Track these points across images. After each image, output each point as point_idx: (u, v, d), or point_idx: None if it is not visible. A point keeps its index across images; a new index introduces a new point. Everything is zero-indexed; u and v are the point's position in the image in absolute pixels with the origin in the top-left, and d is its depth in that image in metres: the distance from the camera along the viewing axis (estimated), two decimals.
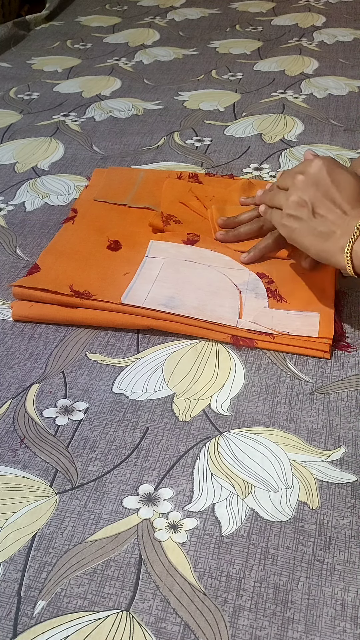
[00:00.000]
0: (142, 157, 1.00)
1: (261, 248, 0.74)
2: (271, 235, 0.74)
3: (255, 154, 0.99)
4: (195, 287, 0.70)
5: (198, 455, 0.55)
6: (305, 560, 0.47)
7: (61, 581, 0.46)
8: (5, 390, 0.62)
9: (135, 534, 0.49)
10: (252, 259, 0.74)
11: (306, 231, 0.61)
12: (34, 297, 0.70)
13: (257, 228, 0.76)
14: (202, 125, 1.09)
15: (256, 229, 0.76)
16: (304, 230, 0.61)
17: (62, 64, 1.39)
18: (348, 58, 1.35)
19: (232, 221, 0.79)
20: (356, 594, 0.45)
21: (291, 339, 0.65)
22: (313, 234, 0.61)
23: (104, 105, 1.18)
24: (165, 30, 1.56)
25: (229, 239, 0.77)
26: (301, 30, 1.52)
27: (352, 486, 0.52)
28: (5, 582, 0.47)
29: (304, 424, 0.58)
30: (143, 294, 0.69)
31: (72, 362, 0.65)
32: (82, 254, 0.76)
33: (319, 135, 1.03)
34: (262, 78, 1.27)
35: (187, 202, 0.84)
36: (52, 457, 0.55)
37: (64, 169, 0.98)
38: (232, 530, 0.49)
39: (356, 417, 0.58)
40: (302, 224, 0.62)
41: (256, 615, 0.44)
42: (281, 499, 0.51)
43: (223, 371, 0.63)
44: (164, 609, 0.45)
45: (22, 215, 0.87)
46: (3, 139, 1.07)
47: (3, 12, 1.84)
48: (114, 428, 0.58)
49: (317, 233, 0.60)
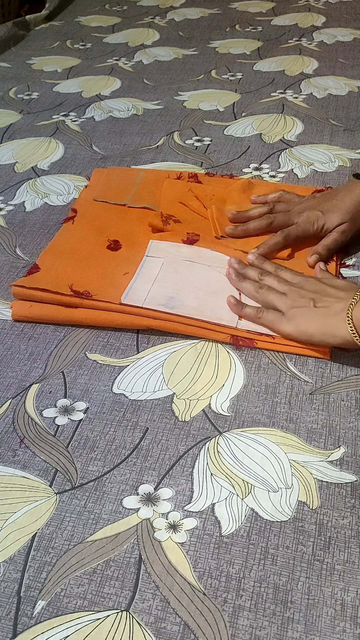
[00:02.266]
0: (141, 157, 1.00)
1: (271, 245, 0.75)
2: (281, 233, 0.75)
3: (255, 154, 0.99)
4: (194, 287, 0.70)
5: (198, 455, 0.55)
6: (305, 560, 0.47)
7: (61, 581, 0.46)
8: (5, 390, 0.62)
9: (135, 534, 0.49)
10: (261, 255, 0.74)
11: (309, 318, 0.63)
12: (33, 297, 0.70)
13: (266, 224, 0.77)
14: (201, 125, 1.09)
15: (265, 225, 0.77)
16: (307, 318, 0.63)
17: (61, 64, 1.39)
18: (348, 58, 1.35)
19: (242, 216, 0.80)
20: (356, 594, 0.45)
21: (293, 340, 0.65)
22: (315, 319, 0.63)
23: (103, 105, 1.18)
24: (165, 30, 1.56)
25: (238, 233, 0.78)
26: (301, 30, 1.52)
27: (351, 486, 0.52)
28: (5, 582, 0.47)
29: (303, 424, 0.58)
30: (143, 293, 0.69)
31: (72, 362, 0.65)
32: (82, 253, 0.76)
33: (318, 135, 1.03)
34: (262, 78, 1.27)
35: (187, 202, 0.84)
36: (51, 457, 0.55)
37: (64, 169, 0.98)
38: (231, 530, 0.49)
39: (356, 417, 0.58)
40: (304, 314, 0.64)
41: (256, 615, 0.44)
42: (281, 499, 0.51)
43: (223, 371, 0.63)
44: (163, 609, 0.45)
45: (22, 215, 0.87)
46: (3, 139, 1.07)
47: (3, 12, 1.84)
48: (113, 428, 0.58)
49: (318, 316, 0.63)
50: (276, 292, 0.67)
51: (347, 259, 0.77)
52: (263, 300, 0.68)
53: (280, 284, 0.68)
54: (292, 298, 0.66)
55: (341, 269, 0.75)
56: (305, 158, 0.97)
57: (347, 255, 0.78)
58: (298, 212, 0.78)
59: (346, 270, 0.75)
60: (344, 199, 0.77)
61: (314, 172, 0.94)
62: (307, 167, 0.95)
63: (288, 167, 0.95)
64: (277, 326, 0.65)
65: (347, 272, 0.75)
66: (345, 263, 0.77)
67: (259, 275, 0.70)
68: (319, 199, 0.79)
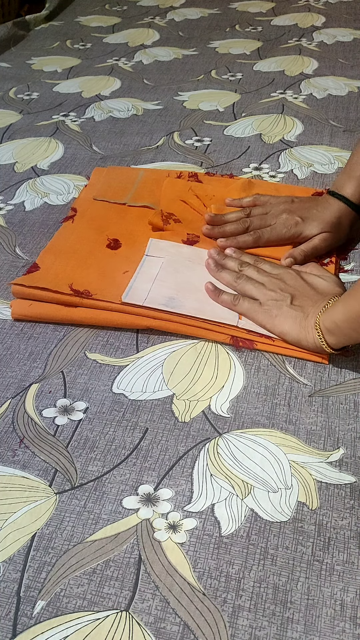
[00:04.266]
0: (141, 157, 1.00)
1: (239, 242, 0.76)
2: (254, 233, 0.76)
3: (254, 154, 0.99)
4: (195, 288, 0.70)
5: (197, 456, 0.55)
6: (304, 561, 0.47)
7: (60, 581, 0.46)
8: (5, 390, 0.62)
9: (134, 534, 0.49)
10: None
11: (284, 317, 0.64)
12: (33, 295, 0.70)
13: (242, 229, 0.78)
14: (201, 125, 1.09)
15: (242, 229, 0.78)
16: (282, 314, 0.64)
17: (61, 64, 1.38)
18: (348, 58, 1.35)
19: (219, 219, 0.80)
20: (355, 594, 0.45)
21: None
22: (288, 319, 0.64)
23: (103, 105, 1.18)
24: (165, 30, 1.56)
25: (215, 234, 0.78)
26: (301, 30, 1.52)
27: (351, 487, 0.52)
28: (4, 582, 0.47)
29: (303, 426, 0.58)
30: (143, 293, 0.69)
31: (72, 362, 0.65)
32: (82, 252, 0.76)
33: (318, 136, 1.04)
34: (262, 78, 1.27)
35: (187, 201, 0.84)
36: (51, 457, 0.55)
37: (64, 168, 0.98)
38: (231, 530, 0.49)
39: (354, 419, 0.58)
40: (280, 309, 0.65)
41: (255, 615, 0.44)
42: (280, 499, 0.51)
43: (222, 372, 0.63)
44: (163, 609, 0.45)
45: (22, 214, 0.87)
46: (3, 139, 1.07)
47: (3, 12, 1.84)
48: (113, 428, 0.58)
49: (291, 317, 0.64)
50: (254, 282, 0.68)
51: (345, 263, 0.77)
52: (241, 289, 0.69)
53: (259, 274, 0.70)
54: (270, 288, 0.67)
55: (340, 274, 0.75)
56: (305, 159, 0.97)
57: (346, 260, 0.78)
58: (275, 215, 0.78)
59: (345, 275, 0.75)
60: (324, 211, 0.77)
61: (313, 174, 0.94)
62: (306, 168, 0.95)
63: (288, 167, 0.95)
64: (252, 315, 0.66)
65: (346, 277, 0.75)
66: (344, 268, 0.76)
67: (238, 267, 0.71)
68: (297, 204, 0.79)
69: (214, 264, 0.72)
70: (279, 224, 0.77)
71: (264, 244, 0.76)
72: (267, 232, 0.76)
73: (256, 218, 0.78)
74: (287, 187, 0.90)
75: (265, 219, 0.78)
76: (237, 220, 0.79)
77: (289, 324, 0.63)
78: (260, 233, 0.76)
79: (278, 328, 0.64)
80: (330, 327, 0.60)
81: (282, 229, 0.76)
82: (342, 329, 0.59)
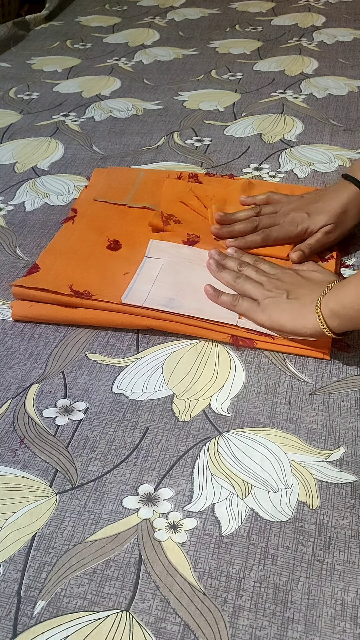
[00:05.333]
0: (141, 157, 1.00)
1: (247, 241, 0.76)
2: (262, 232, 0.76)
3: (255, 154, 0.99)
4: (195, 289, 0.70)
5: (198, 456, 0.55)
6: (305, 561, 0.47)
7: (61, 581, 0.46)
8: (5, 390, 0.62)
9: (135, 534, 0.49)
10: (237, 248, 0.75)
11: (282, 309, 0.64)
12: (33, 296, 0.70)
13: (251, 227, 0.77)
14: (201, 125, 1.09)
15: (250, 229, 0.77)
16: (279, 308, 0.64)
17: (61, 64, 1.39)
18: (348, 58, 1.35)
19: (228, 218, 0.80)
20: (356, 594, 0.45)
21: (291, 340, 0.65)
22: (286, 310, 0.64)
23: (103, 105, 1.18)
24: (165, 30, 1.56)
25: (223, 234, 0.78)
26: (301, 30, 1.52)
27: (351, 486, 0.52)
28: (5, 582, 0.47)
29: (303, 424, 0.58)
30: (143, 294, 0.69)
31: (72, 362, 0.65)
32: (82, 253, 0.76)
33: (318, 135, 1.03)
34: (262, 78, 1.27)
35: (187, 202, 0.84)
36: (51, 457, 0.55)
37: (64, 169, 0.98)
38: (231, 530, 0.49)
39: (356, 417, 0.58)
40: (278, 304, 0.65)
41: (256, 615, 0.44)
42: (281, 499, 0.51)
43: (223, 371, 0.63)
44: (163, 609, 0.45)
45: (22, 215, 0.87)
46: (3, 139, 1.07)
47: (3, 12, 1.84)
48: (113, 428, 0.58)
49: (289, 307, 0.64)
50: (253, 282, 0.69)
51: (346, 258, 0.77)
52: (240, 288, 0.69)
53: (258, 274, 0.70)
54: (267, 288, 0.67)
55: (341, 269, 0.75)
56: (305, 158, 0.97)
57: (348, 255, 0.78)
58: (284, 213, 0.78)
59: (346, 270, 0.75)
60: (330, 202, 0.77)
61: (314, 172, 0.94)
62: (307, 167, 0.95)
63: (288, 167, 0.95)
64: (251, 314, 0.66)
65: (347, 272, 0.75)
66: (346, 263, 0.77)
67: (238, 267, 0.72)
68: (306, 199, 0.79)
69: (214, 264, 0.72)
70: (287, 222, 0.77)
71: (272, 242, 0.76)
72: (275, 231, 0.76)
73: (265, 217, 0.78)
74: (288, 187, 0.89)
75: (275, 218, 0.78)
76: (246, 219, 0.79)
77: (285, 315, 0.64)
78: (269, 232, 0.76)
79: (276, 322, 0.64)
80: (335, 308, 0.60)
81: (289, 226, 0.76)
82: (348, 309, 0.59)
